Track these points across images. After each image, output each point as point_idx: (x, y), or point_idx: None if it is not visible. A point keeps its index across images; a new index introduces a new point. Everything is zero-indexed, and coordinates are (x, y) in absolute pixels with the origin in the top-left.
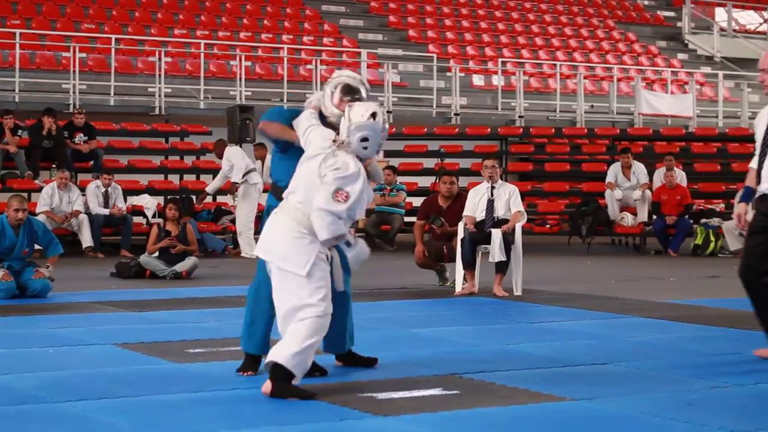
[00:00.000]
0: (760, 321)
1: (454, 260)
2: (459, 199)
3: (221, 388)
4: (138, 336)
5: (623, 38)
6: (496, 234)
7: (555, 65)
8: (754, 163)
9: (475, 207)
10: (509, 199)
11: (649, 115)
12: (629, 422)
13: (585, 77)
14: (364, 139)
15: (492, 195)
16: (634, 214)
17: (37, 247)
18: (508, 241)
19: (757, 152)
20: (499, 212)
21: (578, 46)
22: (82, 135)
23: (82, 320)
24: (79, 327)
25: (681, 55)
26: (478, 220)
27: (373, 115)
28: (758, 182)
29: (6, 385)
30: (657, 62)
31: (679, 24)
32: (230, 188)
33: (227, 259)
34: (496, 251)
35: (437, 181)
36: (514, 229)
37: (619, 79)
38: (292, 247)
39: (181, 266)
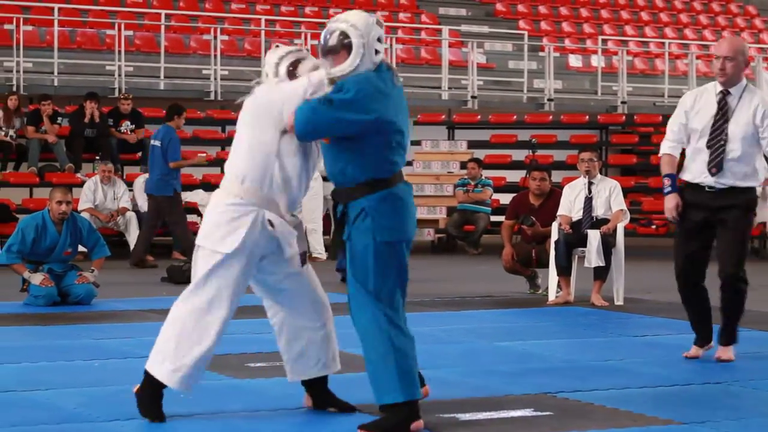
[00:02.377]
0: (696, 324)
1: (546, 265)
2: (552, 196)
3: (284, 406)
4: None
5: (741, 12)
6: (594, 235)
7: (663, 44)
8: (670, 149)
9: (571, 205)
10: (609, 196)
11: None
12: None
13: (697, 57)
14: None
15: (590, 192)
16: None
17: (81, 249)
18: (608, 243)
19: (701, 144)
20: (599, 211)
21: (690, 22)
22: (128, 123)
23: (130, 330)
24: (127, 338)
25: None
26: (574, 220)
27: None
28: (713, 173)
29: (47, 401)
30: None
31: None
32: None
33: None
34: (593, 255)
35: (527, 176)
36: (615, 230)
37: None
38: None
39: None
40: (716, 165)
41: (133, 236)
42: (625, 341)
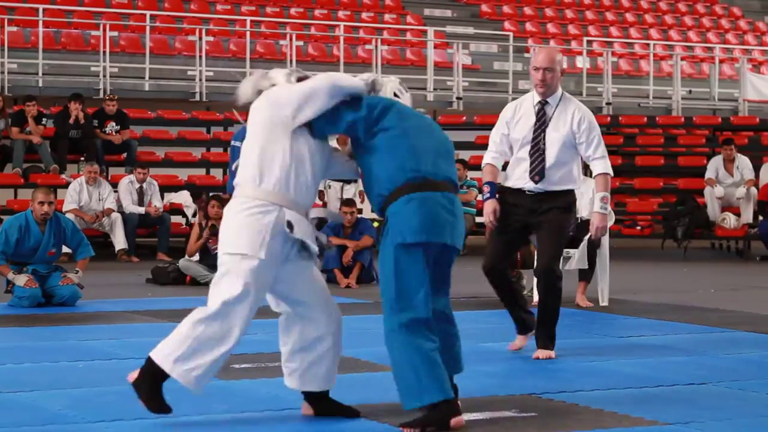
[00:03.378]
0: (512, 314)
1: (531, 266)
2: None
3: (270, 408)
4: None
5: (726, 13)
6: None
7: (648, 45)
8: (492, 160)
9: None
10: (593, 197)
11: (756, 101)
12: None
13: (682, 58)
14: None
15: None
16: (738, 214)
17: (65, 249)
18: (592, 245)
19: (524, 153)
20: (583, 213)
21: (675, 23)
22: (113, 124)
23: (115, 331)
24: (112, 339)
25: None
26: None
27: None
28: (537, 179)
29: (31, 403)
30: (765, 41)
31: None
32: None
33: None
34: (575, 259)
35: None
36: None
37: (721, 61)
38: None
39: None
40: (538, 173)
41: (118, 237)
42: (610, 342)
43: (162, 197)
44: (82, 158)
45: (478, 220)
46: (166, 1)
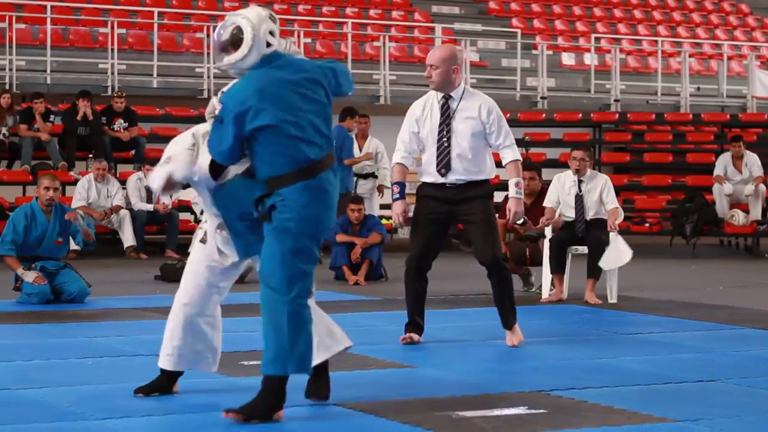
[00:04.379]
0: (414, 311)
1: (539, 263)
2: (543, 195)
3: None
4: None
5: (734, 10)
6: (614, 238)
7: (656, 42)
8: (402, 159)
9: (559, 200)
10: (601, 195)
11: (764, 98)
12: None
13: (690, 55)
14: None
15: (580, 190)
16: (746, 211)
17: (73, 247)
18: (601, 242)
19: (432, 147)
20: (590, 213)
21: (683, 20)
22: (121, 121)
23: (123, 328)
24: (121, 336)
25: None
26: (568, 219)
27: None
28: (443, 172)
29: (40, 400)
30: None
31: None
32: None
33: None
34: (609, 259)
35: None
36: (608, 228)
37: (729, 58)
38: None
39: None
40: (444, 165)
41: (126, 234)
42: (619, 339)
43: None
44: (91, 155)
45: None
46: None
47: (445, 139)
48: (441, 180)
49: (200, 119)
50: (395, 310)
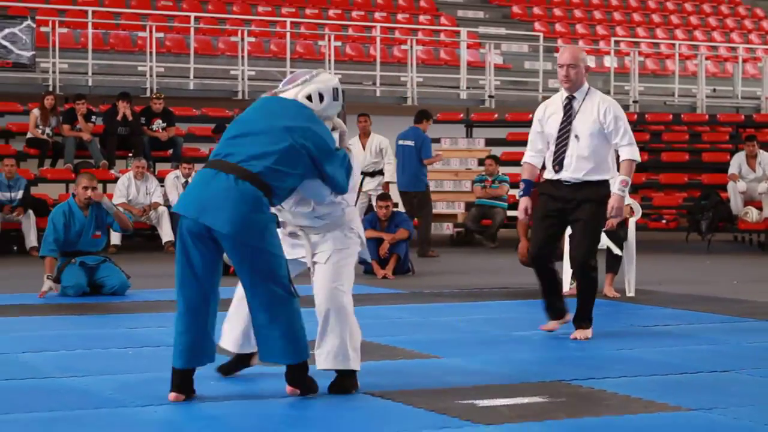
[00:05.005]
0: (547, 301)
1: (561, 258)
2: None
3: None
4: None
5: (750, 14)
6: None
7: (673, 45)
8: (530, 159)
9: None
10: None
11: None
12: None
13: (707, 58)
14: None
15: None
16: (760, 208)
17: (114, 241)
18: (619, 237)
19: (552, 145)
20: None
21: (699, 24)
22: (160, 121)
23: (162, 320)
24: (160, 327)
25: None
26: None
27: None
28: (556, 170)
29: (83, 387)
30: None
31: None
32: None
33: None
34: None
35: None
36: (626, 224)
37: (744, 60)
38: None
39: None
40: (558, 163)
41: (165, 230)
42: (637, 331)
43: None
44: (130, 154)
45: (510, 213)
46: (209, 3)
47: (564, 138)
48: (556, 177)
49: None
50: (422, 303)
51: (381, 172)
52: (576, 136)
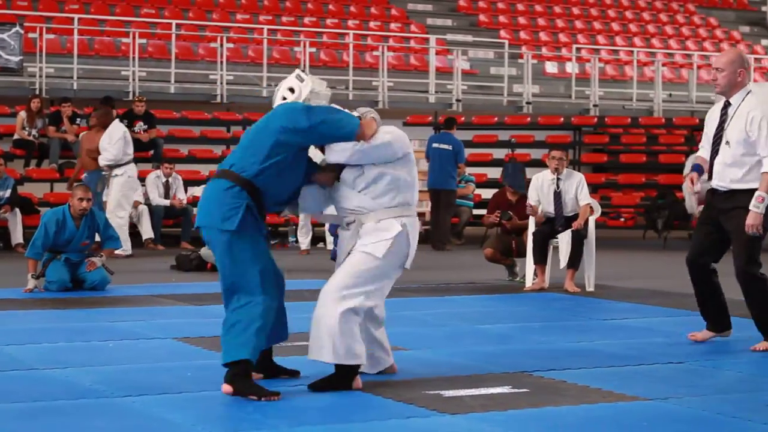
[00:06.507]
0: (701, 309)
1: (523, 255)
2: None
3: (283, 384)
4: (199, 330)
5: (704, 23)
6: (563, 238)
7: (632, 52)
8: (703, 153)
9: (539, 196)
10: (577, 191)
11: None
12: (705, 423)
13: (663, 64)
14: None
15: (558, 187)
16: None
17: (97, 238)
18: (580, 235)
19: (709, 148)
20: (567, 209)
21: (656, 32)
22: (141, 123)
23: (141, 314)
24: (139, 320)
25: (765, 41)
26: (547, 215)
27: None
28: (709, 177)
29: (65, 379)
30: (740, 49)
31: (763, 8)
32: None
33: (287, 251)
34: (563, 258)
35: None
36: (587, 223)
37: (699, 67)
38: None
39: None
40: (709, 170)
41: (145, 227)
42: (596, 324)
43: (186, 191)
44: None
45: (476, 212)
46: (190, 10)
47: (717, 144)
48: (714, 184)
49: (214, 122)
50: (390, 297)
51: None
52: (727, 143)
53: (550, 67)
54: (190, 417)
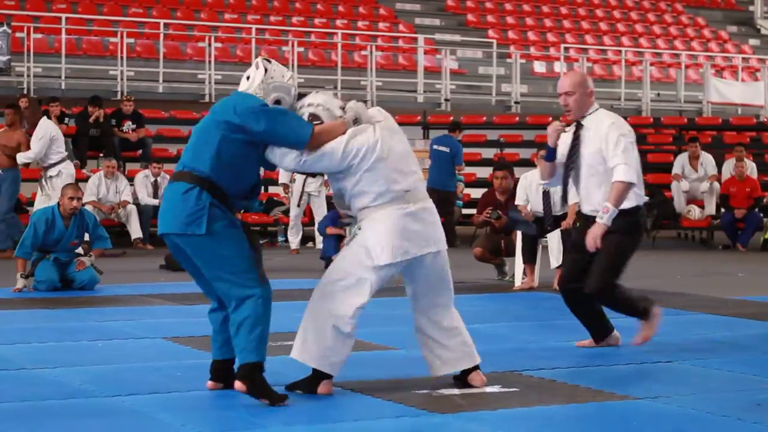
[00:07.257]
0: (583, 324)
1: (513, 254)
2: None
3: (273, 384)
4: (188, 330)
5: (692, 23)
6: (552, 237)
7: (620, 51)
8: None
9: (527, 196)
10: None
11: (719, 103)
12: (694, 422)
13: (651, 64)
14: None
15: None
16: (702, 206)
17: (86, 237)
18: (568, 235)
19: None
20: (556, 207)
21: (644, 32)
22: (130, 123)
23: (131, 313)
24: (129, 320)
25: (752, 41)
26: (536, 215)
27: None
28: (563, 201)
29: (55, 379)
30: (727, 48)
31: (751, 8)
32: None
33: (276, 251)
34: (553, 258)
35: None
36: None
37: (687, 66)
38: None
39: None
40: (562, 197)
41: (134, 227)
42: None
43: None
44: (101, 154)
45: (465, 212)
46: (178, 10)
47: (568, 169)
48: (582, 210)
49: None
50: (381, 297)
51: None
52: (579, 166)
53: (539, 67)
54: (179, 416)
